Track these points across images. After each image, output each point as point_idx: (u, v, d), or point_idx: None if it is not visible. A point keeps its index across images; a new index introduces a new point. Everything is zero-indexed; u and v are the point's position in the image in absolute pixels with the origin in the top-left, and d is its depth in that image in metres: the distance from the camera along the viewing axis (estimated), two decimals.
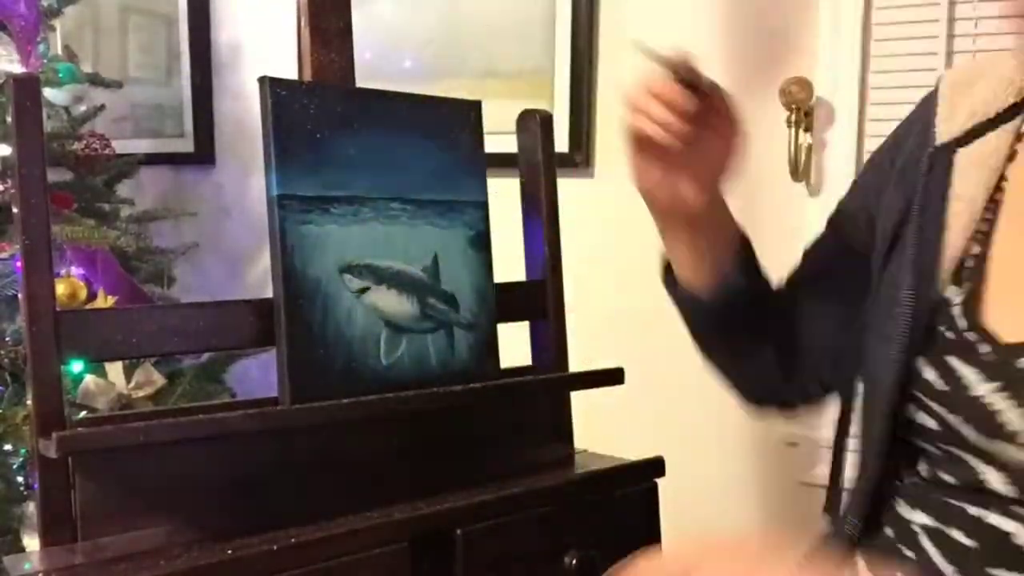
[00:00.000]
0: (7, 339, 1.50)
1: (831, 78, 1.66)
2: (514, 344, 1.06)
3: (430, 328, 0.93)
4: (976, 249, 0.72)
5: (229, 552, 0.74)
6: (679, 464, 1.01)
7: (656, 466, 0.98)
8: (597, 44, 1.86)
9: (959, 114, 0.74)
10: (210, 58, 2.25)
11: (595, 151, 1.86)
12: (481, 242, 0.98)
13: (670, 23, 1.81)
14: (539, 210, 1.05)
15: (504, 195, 1.10)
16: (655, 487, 0.99)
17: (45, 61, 1.71)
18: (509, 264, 1.07)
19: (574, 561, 0.89)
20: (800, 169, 1.66)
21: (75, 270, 1.58)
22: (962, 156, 0.73)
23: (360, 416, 0.86)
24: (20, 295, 0.77)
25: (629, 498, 0.97)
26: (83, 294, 1.50)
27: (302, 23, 0.94)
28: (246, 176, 2.21)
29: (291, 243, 0.84)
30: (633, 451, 1.00)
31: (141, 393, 1.53)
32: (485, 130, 0.99)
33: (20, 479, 1.46)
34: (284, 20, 1.97)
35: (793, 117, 1.65)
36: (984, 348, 0.69)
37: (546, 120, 1.05)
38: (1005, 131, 0.72)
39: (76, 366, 1.45)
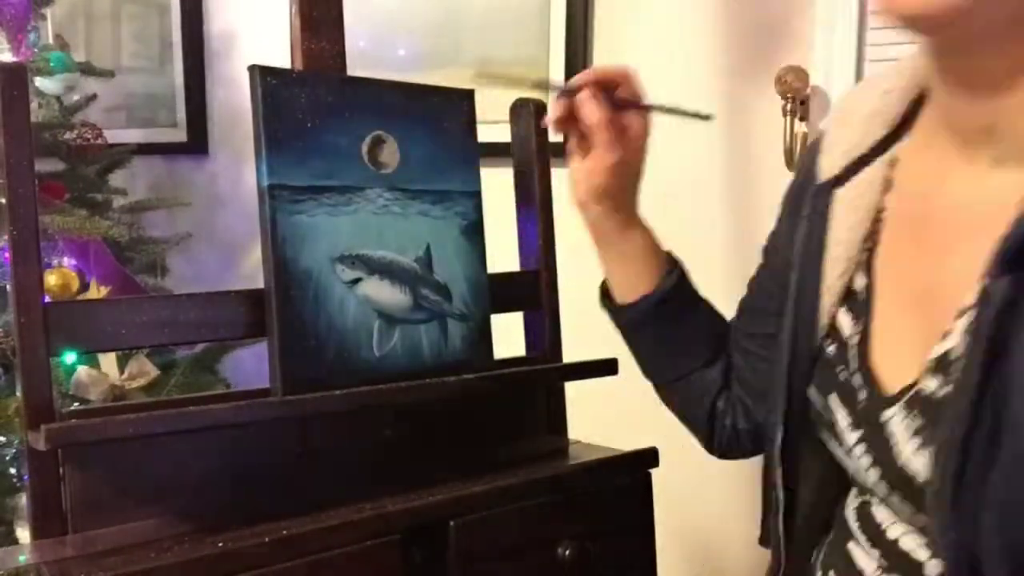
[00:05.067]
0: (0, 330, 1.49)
1: (827, 67, 1.66)
2: (508, 335, 1.05)
3: (423, 319, 0.92)
4: (863, 281, 0.71)
5: (220, 545, 0.74)
6: (673, 455, 1.01)
7: (650, 457, 0.98)
8: (591, 33, 1.85)
9: (836, 151, 0.74)
10: (203, 47, 2.24)
11: None
12: (474, 232, 0.97)
13: (665, 12, 1.81)
14: (533, 200, 1.05)
15: (497, 185, 1.10)
16: (649, 478, 0.99)
17: (36, 50, 1.70)
18: (503, 254, 1.06)
19: (568, 552, 0.89)
20: (795, 158, 1.66)
21: (68, 261, 1.58)
22: (839, 198, 0.72)
23: (353, 407, 0.86)
24: (8, 286, 0.76)
25: (623, 489, 0.97)
26: (75, 285, 1.49)
27: (293, 11, 0.93)
28: (239, 165, 2.20)
29: (282, 233, 0.84)
30: (627, 442, 1.00)
31: (134, 384, 1.53)
32: (478, 119, 0.99)
33: (13, 471, 1.46)
34: (277, 8, 1.96)
35: (789, 106, 1.65)
36: (862, 395, 0.68)
37: (540, 109, 1.04)
38: (879, 164, 0.71)
39: (69, 357, 1.44)
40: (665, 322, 0.87)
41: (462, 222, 0.96)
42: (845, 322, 0.72)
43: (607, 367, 1.02)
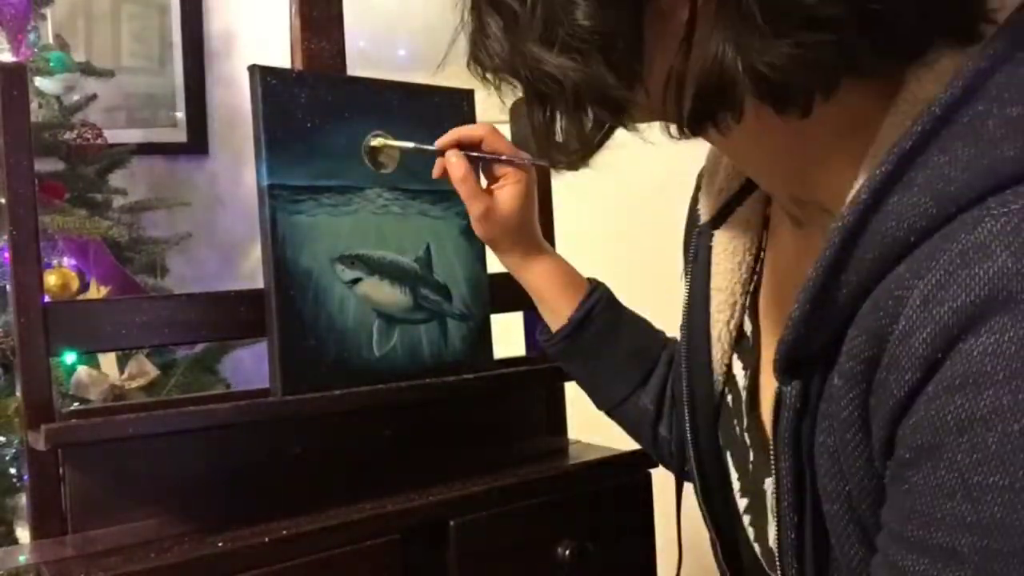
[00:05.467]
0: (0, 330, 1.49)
1: None
2: (508, 335, 1.05)
3: (423, 319, 0.92)
4: (750, 326, 0.67)
5: (220, 544, 0.73)
6: None
7: (649, 457, 0.98)
8: None
9: (710, 191, 0.70)
10: (203, 47, 2.24)
11: None
12: (474, 232, 0.97)
13: None
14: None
15: None
16: (649, 477, 0.98)
17: (36, 50, 1.70)
18: None
19: (567, 552, 0.89)
20: None
21: (67, 260, 1.58)
22: (717, 242, 0.68)
23: (352, 407, 0.86)
24: (8, 286, 0.76)
25: (623, 489, 0.97)
26: (75, 284, 1.49)
27: (293, 11, 0.93)
28: (239, 165, 2.20)
29: (282, 233, 0.84)
30: (627, 442, 1.00)
31: (134, 384, 1.53)
32: (478, 119, 0.99)
33: (13, 471, 1.46)
34: (277, 8, 1.96)
35: None
36: (751, 456, 0.64)
37: None
38: (754, 199, 0.67)
39: (69, 357, 1.44)
40: (586, 350, 0.86)
41: (462, 222, 0.96)
42: (738, 370, 0.67)
43: None
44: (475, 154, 0.84)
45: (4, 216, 0.76)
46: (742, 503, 0.65)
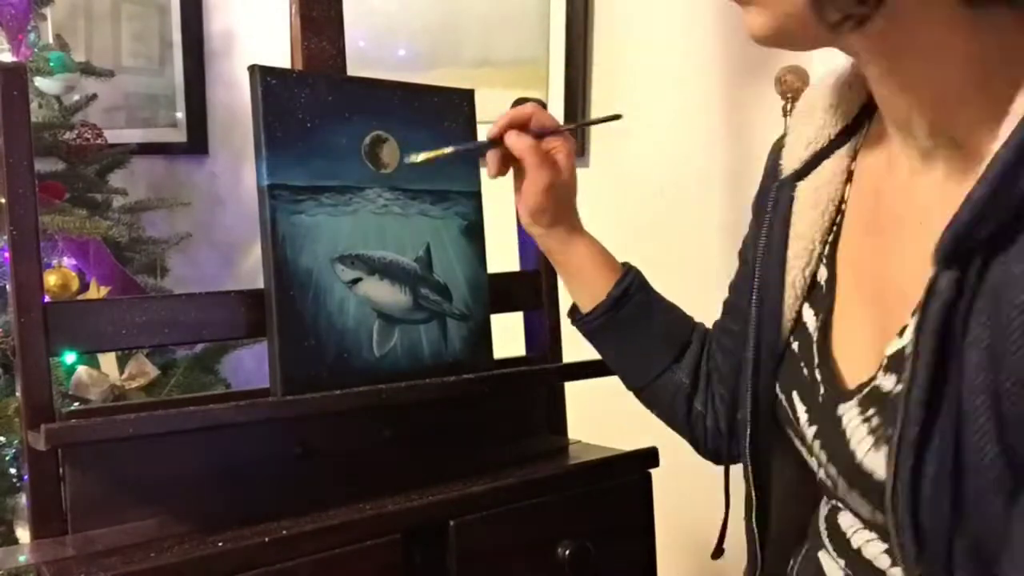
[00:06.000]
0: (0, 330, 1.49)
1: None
2: (508, 335, 1.05)
3: (423, 319, 0.92)
4: (825, 274, 0.71)
5: (220, 544, 0.74)
6: (673, 455, 1.01)
7: (650, 456, 0.98)
8: (592, 33, 1.85)
9: (798, 146, 0.74)
10: (203, 47, 2.24)
11: (589, 140, 1.85)
12: (474, 232, 0.97)
13: (665, 12, 1.81)
14: None
15: (498, 185, 1.09)
16: (649, 477, 0.98)
17: (36, 50, 1.70)
18: (503, 254, 1.06)
19: (568, 552, 0.89)
20: None
21: (67, 260, 1.58)
22: (800, 192, 0.73)
23: (352, 407, 0.86)
24: (8, 286, 0.76)
25: (623, 489, 0.97)
26: (75, 285, 1.49)
27: (293, 11, 0.93)
28: (239, 166, 2.20)
29: (282, 233, 0.84)
30: (627, 442, 1.00)
31: (134, 384, 1.53)
32: (479, 119, 0.99)
33: (13, 471, 1.46)
34: (277, 8, 1.96)
35: (789, 106, 1.65)
36: (821, 390, 0.67)
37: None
38: (839, 156, 0.72)
39: (69, 357, 1.44)
40: (623, 327, 0.89)
41: (462, 222, 0.96)
42: (808, 316, 0.72)
43: (607, 367, 1.02)
44: (540, 129, 0.86)
45: (4, 216, 0.76)
46: (810, 431, 0.68)
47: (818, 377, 0.68)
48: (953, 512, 0.53)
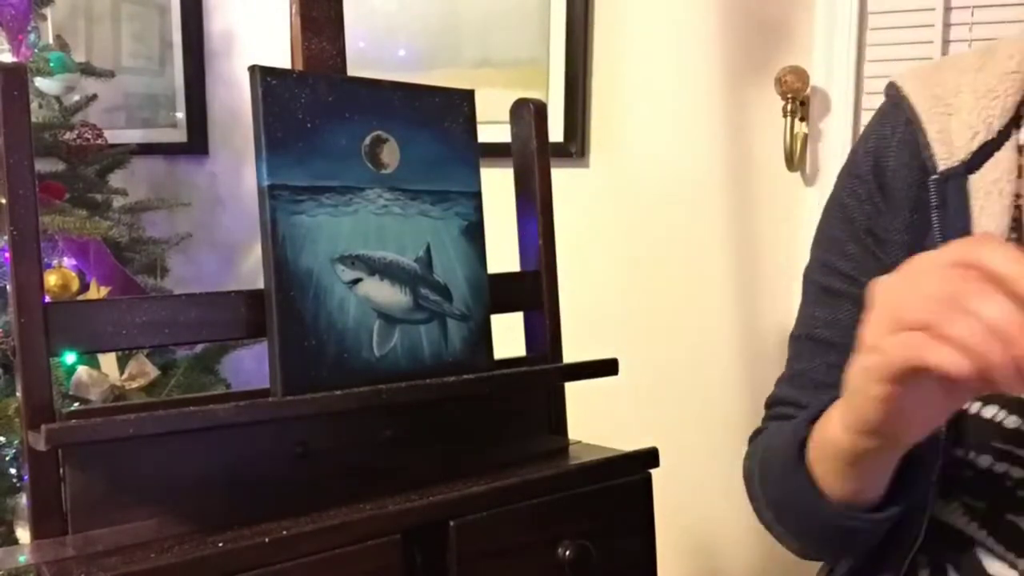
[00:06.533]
0: None
1: (827, 67, 1.66)
2: (508, 335, 1.05)
3: (423, 319, 0.92)
4: None
5: (220, 544, 0.73)
6: (673, 455, 1.01)
7: (650, 457, 0.98)
8: (592, 33, 1.85)
9: (956, 135, 0.68)
10: (203, 47, 2.24)
11: (590, 141, 1.85)
12: (474, 232, 0.97)
13: (666, 12, 1.81)
14: (533, 200, 1.05)
15: (498, 185, 1.10)
16: (649, 478, 0.98)
17: (36, 50, 1.70)
18: (503, 254, 1.06)
19: (568, 552, 0.89)
20: (795, 159, 1.66)
21: (68, 261, 1.58)
22: (976, 185, 0.67)
23: (352, 408, 0.86)
24: (8, 286, 0.76)
25: (623, 489, 0.97)
26: (75, 285, 1.49)
27: (293, 11, 0.93)
28: (240, 166, 2.21)
29: (282, 233, 0.84)
30: (627, 442, 1.00)
31: (134, 384, 1.53)
32: (479, 119, 0.99)
33: (13, 471, 1.46)
34: (277, 8, 1.96)
35: (789, 106, 1.65)
36: None
37: (540, 109, 1.04)
38: (1007, 148, 0.67)
39: (69, 357, 1.44)
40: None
41: (462, 222, 0.96)
42: None
43: (607, 367, 1.02)
44: None
45: (4, 216, 0.76)
46: (1011, 420, 0.63)
47: None
48: None
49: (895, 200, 0.73)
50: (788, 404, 0.81)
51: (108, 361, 1.52)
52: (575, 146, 1.84)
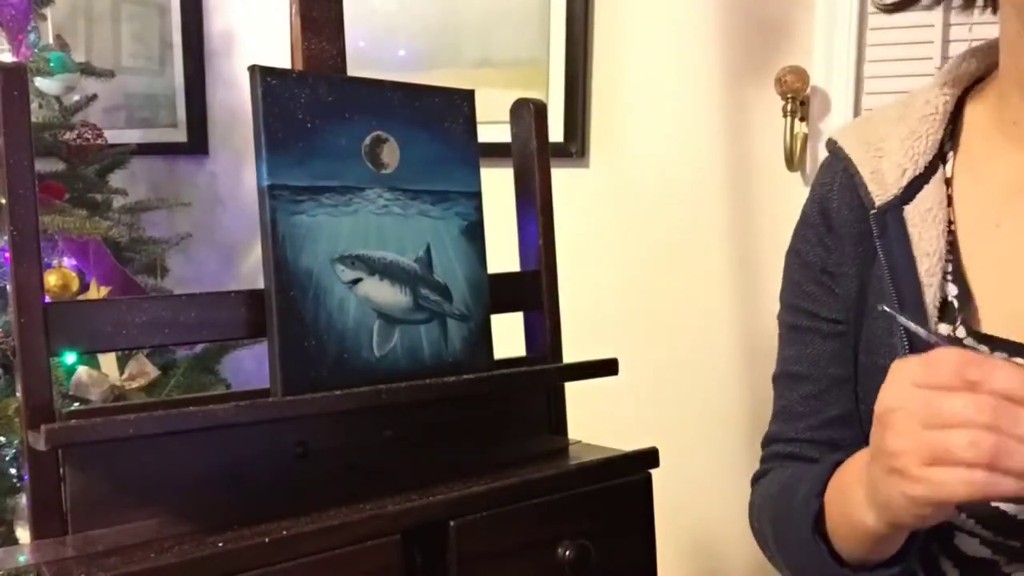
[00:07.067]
0: None
1: (827, 67, 1.66)
2: (508, 335, 1.05)
3: (423, 319, 0.92)
4: (954, 290, 0.73)
5: (220, 545, 0.73)
6: (674, 455, 1.01)
7: (650, 457, 0.98)
8: (592, 33, 1.85)
9: (887, 174, 0.76)
10: (203, 47, 2.24)
11: (590, 141, 1.85)
12: (474, 232, 0.97)
13: (666, 12, 1.81)
14: (533, 200, 1.05)
15: (498, 185, 1.10)
16: (649, 478, 0.98)
17: (36, 50, 1.70)
18: (503, 254, 1.06)
19: (568, 552, 0.89)
20: (795, 159, 1.66)
21: (67, 261, 1.58)
22: (912, 213, 0.75)
23: (352, 408, 0.86)
24: (8, 286, 0.76)
25: (623, 489, 0.97)
26: (75, 285, 1.49)
27: (293, 11, 0.93)
28: (239, 166, 2.21)
29: (282, 233, 0.84)
30: (627, 442, 1.00)
31: (134, 384, 1.53)
32: (479, 119, 0.99)
33: (13, 471, 1.46)
34: (277, 8, 1.97)
35: (788, 106, 1.65)
36: None
37: (540, 109, 1.04)
38: (935, 182, 0.75)
39: (69, 357, 1.44)
40: None
41: (462, 222, 0.96)
42: (945, 332, 0.73)
43: (607, 367, 1.02)
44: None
45: (4, 216, 0.76)
46: None
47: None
48: None
49: (841, 237, 0.80)
50: (779, 441, 0.87)
51: (108, 361, 1.52)
52: (575, 146, 1.84)
